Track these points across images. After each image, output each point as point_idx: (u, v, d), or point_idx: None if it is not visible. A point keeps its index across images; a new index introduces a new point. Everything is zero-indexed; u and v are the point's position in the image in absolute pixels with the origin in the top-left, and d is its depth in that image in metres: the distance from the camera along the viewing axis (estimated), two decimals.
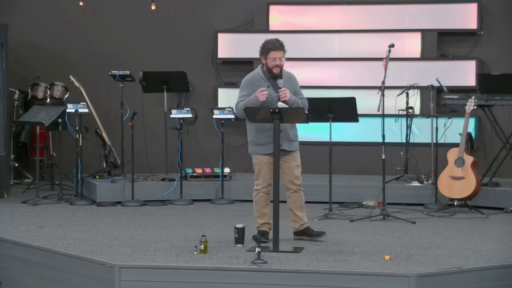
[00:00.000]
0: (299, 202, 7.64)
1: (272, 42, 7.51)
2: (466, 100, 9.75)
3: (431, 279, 6.30)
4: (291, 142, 7.50)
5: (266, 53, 7.46)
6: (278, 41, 7.55)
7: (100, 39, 12.64)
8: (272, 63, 7.42)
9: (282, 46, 7.50)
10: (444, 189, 9.57)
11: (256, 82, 7.46)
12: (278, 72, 7.43)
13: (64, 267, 6.99)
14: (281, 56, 7.44)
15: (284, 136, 7.39)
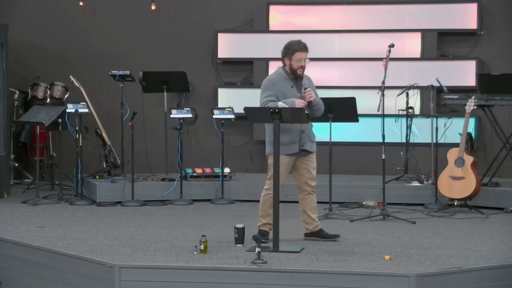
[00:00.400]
0: (313, 204, 7.61)
1: (297, 43, 7.51)
2: (466, 100, 9.75)
3: (431, 279, 6.30)
4: (312, 143, 7.50)
5: (291, 54, 7.48)
6: (302, 42, 7.55)
7: (100, 39, 12.64)
8: (297, 64, 7.44)
9: (307, 48, 7.51)
10: (444, 189, 9.57)
11: (280, 82, 7.47)
12: (301, 73, 7.46)
13: (64, 267, 6.99)
14: (305, 57, 7.45)
15: (307, 136, 7.42)
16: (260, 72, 12.38)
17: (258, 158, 12.39)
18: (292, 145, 7.37)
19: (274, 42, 12.45)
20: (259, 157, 12.38)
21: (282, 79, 7.49)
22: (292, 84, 7.48)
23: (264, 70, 12.37)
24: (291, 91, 7.43)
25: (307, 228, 7.67)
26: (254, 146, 12.44)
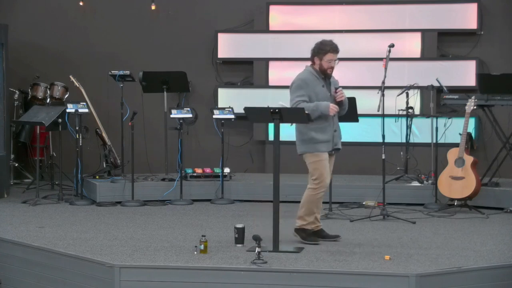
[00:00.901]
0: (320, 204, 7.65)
1: (330, 45, 7.51)
2: (466, 100, 9.75)
3: (431, 279, 6.30)
4: (340, 140, 7.57)
5: (323, 55, 7.48)
6: (334, 43, 7.56)
7: (100, 39, 12.65)
8: (328, 64, 7.44)
9: (338, 49, 7.52)
10: (444, 189, 9.57)
11: (312, 82, 7.46)
12: (331, 73, 7.49)
13: (64, 267, 6.99)
14: (336, 58, 7.48)
15: (338, 135, 7.51)
16: (260, 72, 12.40)
17: (258, 158, 12.40)
18: (327, 143, 7.42)
19: (274, 42, 12.48)
20: (259, 157, 12.39)
21: (314, 78, 7.48)
22: (323, 83, 7.47)
23: (264, 70, 12.39)
24: (322, 91, 7.43)
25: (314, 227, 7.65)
26: (254, 146, 12.45)
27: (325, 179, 7.45)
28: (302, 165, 12.06)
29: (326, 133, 7.41)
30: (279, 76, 12.41)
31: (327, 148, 7.44)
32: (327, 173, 7.47)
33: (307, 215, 7.52)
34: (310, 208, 7.52)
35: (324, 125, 7.40)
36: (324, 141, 7.42)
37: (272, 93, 12.22)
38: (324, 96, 7.42)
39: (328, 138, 7.42)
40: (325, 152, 7.44)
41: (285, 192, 9.49)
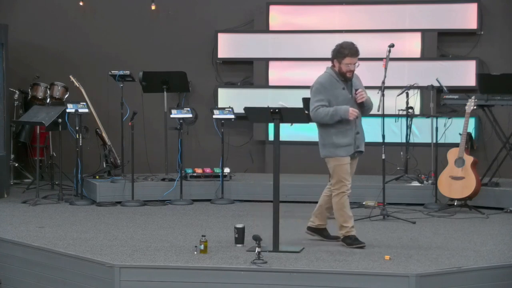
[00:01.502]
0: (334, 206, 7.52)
1: (349, 48, 7.30)
2: (466, 100, 9.75)
3: (431, 279, 6.30)
4: (363, 142, 7.44)
5: (341, 58, 7.32)
6: (354, 45, 7.34)
7: (100, 39, 12.65)
8: (346, 68, 7.29)
9: (358, 52, 7.33)
10: (444, 189, 9.57)
11: (332, 84, 7.33)
12: (351, 76, 7.33)
13: (64, 267, 6.99)
14: (355, 62, 7.31)
15: (361, 137, 7.39)
16: (260, 72, 12.40)
17: (258, 158, 12.40)
18: (349, 147, 7.31)
19: (274, 42, 12.48)
20: (259, 157, 12.39)
21: (333, 81, 7.34)
22: (343, 86, 7.32)
23: (264, 70, 12.39)
24: (342, 94, 7.29)
25: (312, 222, 7.66)
26: (254, 146, 12.45)
27: (346, 183, 7.36)
28: (302, 165, 12.13)
29: (347, 136, 7.29)
30: (279, 76, 12.42)
31: (347, 152, 7.32)
32: (348, 177, 7.38)
33: (345, 221, 7.38)
34: (343, 214, 7.37)
35: (345, 128, 7.27)
36: (345, 145, 7.30)
37: (272, 93, 12.22)
38: (344, 98, 7.27)
39: (349, 141, 7.30)
40: (346, 156, 7.33)
41: (285, 192, 9.51)
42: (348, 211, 7.40)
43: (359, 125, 7.37)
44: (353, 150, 7.35)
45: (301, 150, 11.97)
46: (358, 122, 7.34)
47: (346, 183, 7.36)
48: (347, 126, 7.28)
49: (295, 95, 11.05)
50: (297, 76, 12.38)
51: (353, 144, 7.34)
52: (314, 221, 7.69)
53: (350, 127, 7.28)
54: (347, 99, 7.29)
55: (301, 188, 10.55)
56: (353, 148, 7.35)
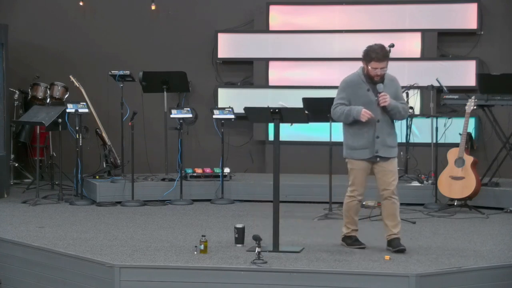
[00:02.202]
0: (390, 211, 7.24)
1: (376, 52, 7.02)
2: (466, 100, 9.75)
3: (431, 279, 6.30)
4: (389, 148, 7.14)
5: (368, 61, 7.07)
6: (382, 50, 7.06)
7: (100, 39, 12.64)
8: (373, 72, 7.06)
9: (386, 56, 7.08)
10: (444, 189, 9.57)
11: (356, 84, 7.15)
12: (378, 79, 7.11)
13: (64, 267, 6.99)
14: (383, 66, 7.06)
15: (382, 141, 7.10)
16: (260, 72, 12.40)
17: (258, 158, 12.40)
18: (363, 150, 7.10)
19: (274, 42, 12.48)
20: (259, 157, 12.39)
21: (359, 81, 7.15)
22: (368, 87, 7.11)
23: (264, 70, 12.38)
24: (366, 95, 7.10)
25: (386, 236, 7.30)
26: (254, 146, 12.45)
27: (356, 188, 7.18)
28: (302, 165, 12.13)
29: (363, 139, 7.10)
30: (279, 76, 12.42)
31: (361, 155, 7.11)
32: (359, 183, 7.17)
33: (349, 223, 7.30)
34: (349, 216, 7.27)
35: (362, 130, 7.09)
36: (359, 148, 7.12)
37: (272, 93, 12.22)
38: (366, 100, 7.08)
39: (365, 144, 7.09)
40: (360, 160, 7.12)
41: (285, 192, 9.51)
42: (354, 216, 7.29)
43: (379, 129, 7.09)
44: (370, 155, 7.09)
45: (301, 150, 11.98)
46: (379, 125, 7.08)
47: (357, 189, 7.18)
48: (364, 129, 7.08)
49: (295, 95, 11.05)
50: (297, 76, 12.38)
51: (370, 148, 7.09)
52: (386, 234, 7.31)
53: (367, 129, 7.07)
54: (368, 101, 7.08)
55: (301, 188, 10.55)
56: (370, 152, 7.09)
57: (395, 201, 7.23)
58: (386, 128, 7.15)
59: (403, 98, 7.33)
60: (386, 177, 7.17)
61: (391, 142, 7.18)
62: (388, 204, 7.22)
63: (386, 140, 7.13)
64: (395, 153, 7.23)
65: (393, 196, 7.21)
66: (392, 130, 7.22)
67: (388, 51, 7.14)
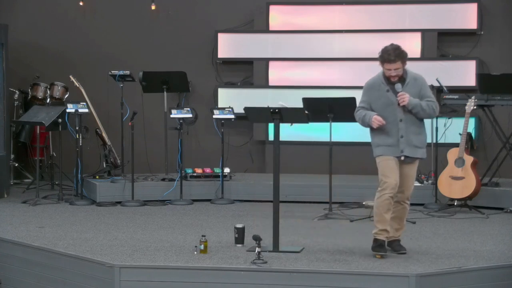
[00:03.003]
0: (398, 213, 7.12)
1: (388, 53, 6.96)
2: (466, 100, 9.75)
3: (431, 279, 6.30)
4: (416, 148, 7.10)
5: (382, 63, 7.05)
6: (395, 51, 6.96)
7: (100, 39, 12.64)
8: (388, 73, 7.03)
9: (399, 56, 6.97)
10: (444, 189, 9.57)
11: (376, 86, 7.11)
12: (396, 80, 7.04)
13: (64, 267, 6.99)
14: (396, 67, 6.97)
15: (407, 141, 7.05)
16: (260, 72, 12.39)
17: (258, 158, 12.40)
18: (390, 148, 7.06)
19: (274, 42, 12.48)
20: (259, 157, 12.39)
21: (379, 83, 7.11)
22: (388, 88, 7.06)
23: (264, 70, 12.38)
24: (386, 96, 7.05)
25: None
26: (254, 146, 12.44)
27: (386, 180, 7.02)
28: (302, 165, 12.13)
29: (388, 137, 7.05)
30: (279, 76, 12.41)
31: (387, 152, 7.04)
32: (389, 173, 7.01)
33: (377, 221, 7.01)
34: (378, 214, 7.02)
35: (385, 131, 7.04)
36: (384, 145, 7.06)
37: (272, 93, 12.22)
38: (386, 101, 7.03)
39: (391, 142, 7.04)
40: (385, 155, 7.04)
41: (285, 192, 9.50)
42: (384, 213, 6.98)
43: (403, 128, 7.03)
44: (396, 153, 7.04)
45: (301, 150, 11.97)
46: (402, 125, 7.03)
47: (388, 181, 7.00)
48: (387, 129, 7.03)
49: (295, 95, 11.05)
50: (297, 76, 12.38)
51: (395, 146, 7.04)
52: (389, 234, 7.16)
53: (391, 129, 7.02)
54: (389, 102, 7.03)
55: (301, 188, 10.55)
56: (395, 151, 7.04)
57: (406, 206, 7.17)
58: (411, 127, 7.09)
59: (430, 96, 7.09)
60: (406, 179, 7.12)
61: (418, 142, 7.14)
62: (399, 207, 7.14)
63: (412, 139, 7.09)
64: (422, 154, 7.18)
65: (407, 201, 7.17)
66: (419, 129, 7.16)
67: (402, 51, 7.01)
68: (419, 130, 7.17)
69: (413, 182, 7.19)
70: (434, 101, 7.13)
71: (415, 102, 7.02)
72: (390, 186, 6.98)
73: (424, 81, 7.17)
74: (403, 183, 7.10)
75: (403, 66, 7.03)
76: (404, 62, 7.03)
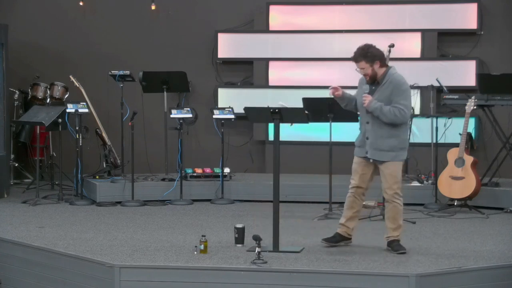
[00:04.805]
0: (389, 213, 7.24)
1: (354, 52, 7.16)
2: (466, 100, 9.75)
3: (431, 279, 6.30)
4: (379, 151, 7.17)
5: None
6: (359, 50, 7.13)
7: (100, 39, 12.64)
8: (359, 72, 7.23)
9: (363, 56, 7.08)
10: (444, 189, 9.57)
11: (361, 84, 7.33)
12: (368, 79, 7.17)
13: (64, 267, 6.99)
14: (361, 66, 7.12)
15: (371, 144, 7.16)
16: (260, 72, 12.39)
17: (258, 158, 12.40)
18: (359, 148, 7.31)
19: (274, 42, 12.48)
20: (259, 157, 12.39)
21: (363, 81, 7.31)
22: (366, 87, 7.23)
23: (264, 70, 12.38)
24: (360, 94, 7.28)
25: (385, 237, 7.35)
26: (254, 146, 12.44)
27: (351, 180, 7.36)
28: (302, 165, 12.12)
29: (359, 137, 7.33)
30: (279, 76, 12.42)
31: (356, 151, 7.33)
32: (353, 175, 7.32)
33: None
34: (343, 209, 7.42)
35: (360, 127, 7.31)
36: (357, 146, 7.34)
37: (272, 93, 12.22)
38: (360, 101, 7.24)
39: (359, 143, 7.30)
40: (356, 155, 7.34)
41: (285, 192, 9.51)
42: (346, 209, 7.36)
43: (369, 131, 7.17)
44: (362, 153, 7.25)
45: (301, 150, 11.97)
46: (368, 127, 7.17)
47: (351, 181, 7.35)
48: (360, 126, 7.30)
49: (295, 95, 11.04)
50: (297, 76, 12.38)
51: (363, 147, 7.25)
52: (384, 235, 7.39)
53: (361, 129, 7.28)
54: (361, 102, 7.22)
55: (301, 188, 10.55)
56: (362, 151, 7.26)
57: (396, 204, 7.20)
58: (379, 131, 7.12)
59: (399, 102, 7.03)
60: (384, 179, 7.27)
61: (385, 146, 7.14)
62: (388, 207, 7.24)
63: (377, 142, 7.14)
64: (390, 157, 7.17)
65: (394, 199, 7.21)
66: (389, 133, 7.12)
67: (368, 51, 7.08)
68: (389, 134, 7.13)
69: (392, 181, 7.26)
70: (402, 108, 7.03)
71: (376, 106, 7.06)
72: (351, 187, 7.33)
73: (399, 85, 7.09)
74: (383, 183, 7.32)
75: (372, 66, 7.09)
76: (371, 62, 7.09)
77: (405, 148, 7.23)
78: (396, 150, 7.16)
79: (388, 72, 7.13)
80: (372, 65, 7.09)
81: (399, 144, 7.16)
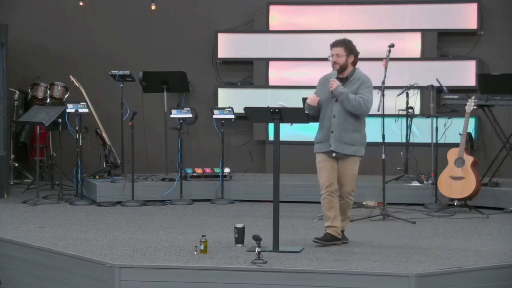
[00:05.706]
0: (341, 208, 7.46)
1: (335, 39, 7.42)
2: (466, 100, 9.75)
3: (431, 279, 6.30)
4: (344, 145, 7.26)
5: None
6: (341, 39, 7.44)
7: (100, 39, 12.65)
8: (331, 59, 7.36)
9: (343, 43, 7.34)
10: (444, 189, 9.57)
11: (325, 82, 7.37)
12: (336, 68, 7.32)
13: (64, 267, 6.99)
14: (337, 52, 7.31)
15: (336, 137, 7.23)
16: (260, 72, 12.40)
17: (258, 158, 12.40)
18: (322, 144, 7.33)
19: (274, 42, 12.49)
20: (259, 157, 12.39)
21: (329, 78, 7.37)
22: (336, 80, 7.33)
23: (264, 70, 12.39)
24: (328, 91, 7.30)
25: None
26: (254, 146, 12.45)
27: (320, 181, 7.35)
28: (302, 165, 12.12)
29: (321, 132, 7.35)
30: (279, 76, 12.42)
31: (318, 148, 7.36)
32: (320, 173, 7.33)
33: (324, 219, 7.43)
34: (324, 212, 7.41)
35: (321, 125, 7.35)
36: (317, 142, 7.38)
37: (272, 93, 12.23)
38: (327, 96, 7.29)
39: (322, 138, 7.33)
40: (320, 153, 7.34)
41: (285, 192, 9.52)
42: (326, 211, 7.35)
43: (334, 124, 7.24)
44: (326, 149, 7.29)
45: (301, 150, 11.96)
46: (334, 120, 7.24)
47: (319, 181, 7.35)
48: (322, 123, 7.33)
49: (295, 95, 11.05)
50: (297, 76, 12.38)
51: (326, 142, 7.29)
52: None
53: (324, 124, 7.31)
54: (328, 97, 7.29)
55: (301, 188, 10.56)
56: (325, 146, 7.29)
57: (349, 201, 7.53)
58: (345, 124, 7.26)
59: (364, 94, 7.24)
60: (342, 176, 7.37)
61: (349, 139, 7.28)
62: (342, 202, 7.47)
63: (342, 135, 7.26)
64: (352, 151, 7.30)
65: (349, 196, 7.51)
66: (354, 127, 7.28)
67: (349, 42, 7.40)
68: (354, 128, 7.30)
69: (351, 178, 7.40)
70: (366, 99, 7.23)
71: (343, 90, 7.23)
72: (323, 186, 7.32)
73: (365, 82, 7.34)
74: (340, 179, 7.37)
75: (347, 57, 7.31)
76: (348, 53, 7.32)
77: (364, 144, 7.41)
78: (358, 145, 7.34)
79: (356, 71, 7.39)
80: (347, 56, 7.34)
81: (361, 139, 7.37)
